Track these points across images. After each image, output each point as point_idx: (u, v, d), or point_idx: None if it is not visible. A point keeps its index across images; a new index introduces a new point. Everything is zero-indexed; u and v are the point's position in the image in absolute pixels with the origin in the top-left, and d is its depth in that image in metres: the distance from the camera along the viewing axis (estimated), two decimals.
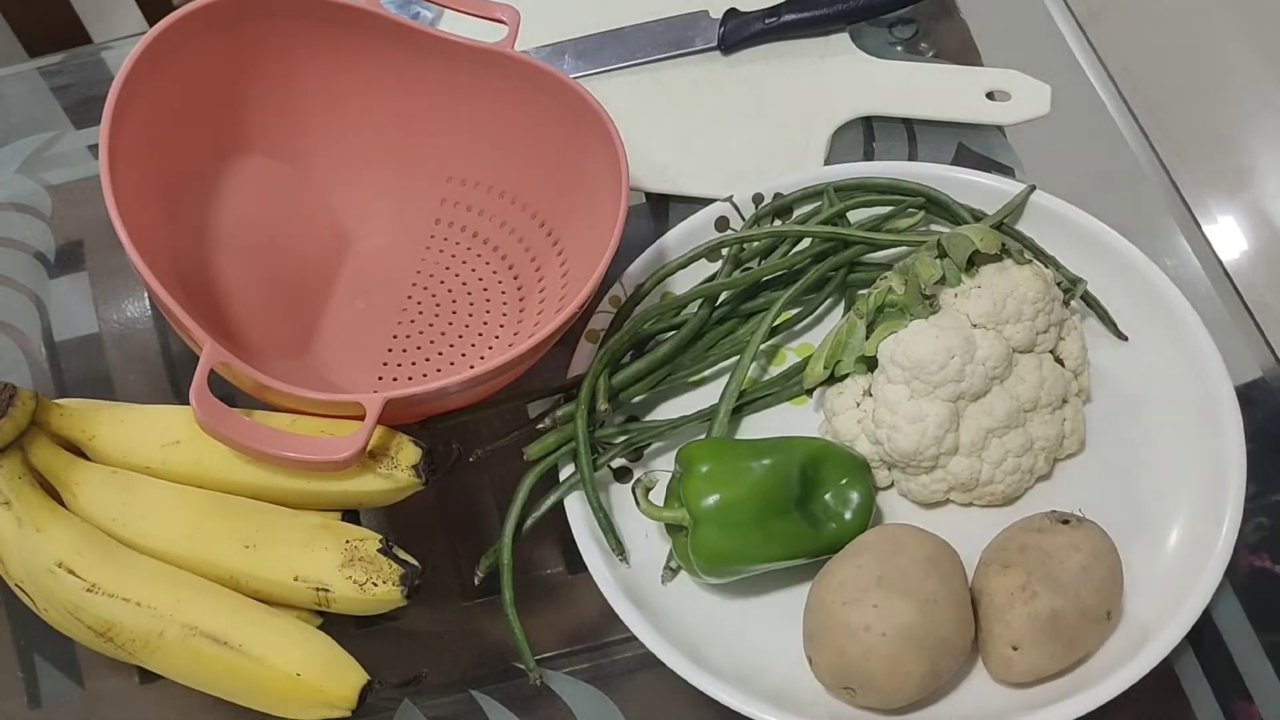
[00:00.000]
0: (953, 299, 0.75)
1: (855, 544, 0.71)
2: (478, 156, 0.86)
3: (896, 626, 0.66)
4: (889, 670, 0.67)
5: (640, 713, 0.74)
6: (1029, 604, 0.68)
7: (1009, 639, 0.68)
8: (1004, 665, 0.69)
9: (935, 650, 0.67)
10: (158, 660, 0.69)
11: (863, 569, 0.68)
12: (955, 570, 0.69)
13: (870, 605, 0.67)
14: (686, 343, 0.81)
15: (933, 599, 0.67)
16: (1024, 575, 0.68)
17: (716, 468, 0.72)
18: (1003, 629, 0.68)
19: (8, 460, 0.71)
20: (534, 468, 0.76)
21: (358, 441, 0.69)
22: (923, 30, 0.97)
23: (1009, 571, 0.69)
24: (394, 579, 0.70)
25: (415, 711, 0.74)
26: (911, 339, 0.73)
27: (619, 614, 0.72)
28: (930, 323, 0.74)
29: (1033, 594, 0.68)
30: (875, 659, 0.66)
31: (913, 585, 0.67)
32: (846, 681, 0.68)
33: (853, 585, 0.68)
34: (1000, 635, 0.68)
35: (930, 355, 0.73)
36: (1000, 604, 0.68)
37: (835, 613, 0.68)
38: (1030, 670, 0.69)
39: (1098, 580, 0.68)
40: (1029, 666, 0.68)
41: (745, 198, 0.86)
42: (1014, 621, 0.68)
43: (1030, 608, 0.68)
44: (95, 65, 1.00)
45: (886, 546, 0.69)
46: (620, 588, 0.72)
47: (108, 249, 0.90)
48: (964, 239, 0.75)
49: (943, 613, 0.67)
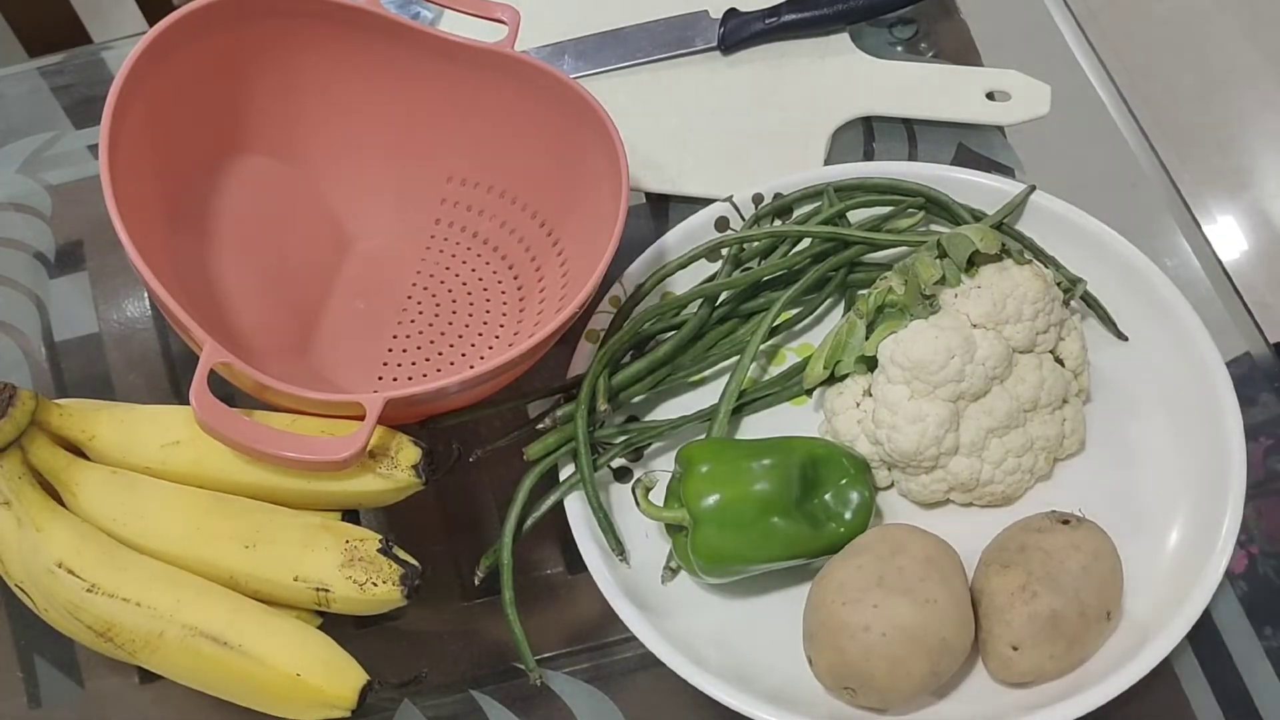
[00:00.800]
0: (953, 299, 0.75)
1: (855, 544, 0.71)
2: (478, 156, 0.86)
3: (896, 626, 0.66)
4: (889, 670, 0.67)
5: (640, 713, 0.74)
6: (1029, 604, 0.68)
7: (1009, 639, 0.68)
8: (1004, 665, 0.69)
9: (935, 650, 0.67)
10: (157, 660, 0.69)
11: (862, 569, 0.68)
12: (955, 570, 0.69)
13: (870, 605, 0.67)
14: (686, 343, 0.81)
15: (932, 599, 0.67)
16: (1024, 575, 0.68)
17: (716, 468, 0.72)
18: (1003, 629, 0.68)
19: (8, 460, 0.71)
20: (534, 468, 0.76)
21: (358, 441, 0.69)
22: (923, 30, 0.97)
23: (1009, 571, 0.69)
24: (394, 579, 0.70)
25: (415, 711, 0.74)
26: (911, 339, 0.73)
27: (619, 614, 0.72)
28: (930, 323, 0.74)
29: (1033, 594, 0.68)
30: (875, 659, 0.66)
31: (912, 585, 0.67)
32: (846, 681, 0.68)
33: (852, 585, 0.68)
34: (1000, 635, 0.68)
35: (930, 355, 0.73)
36: (1000, 604, 0.68)
37: (835, 613, 0.68)
38: (1030, 670, 0.69)
39: (1098, 580, 0.68)
40: (1029, 667, 0.68)
41: (745, 198, 0.86)
42: (1014, 621, 0.68)
43: (1030, 608, 0.68)
44: (95, 65, 1.00)
45: (886, 547, 0.69)
46: (620, 588, 0.72)
47: (108, 249, 0.90)
48: (964, 239, 0.75)
49: (943, 613, 0.67)
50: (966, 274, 0.75)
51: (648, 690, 0.74)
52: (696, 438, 0.78)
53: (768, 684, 0.70)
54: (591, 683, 0.74)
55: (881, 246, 0.83)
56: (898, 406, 0.74)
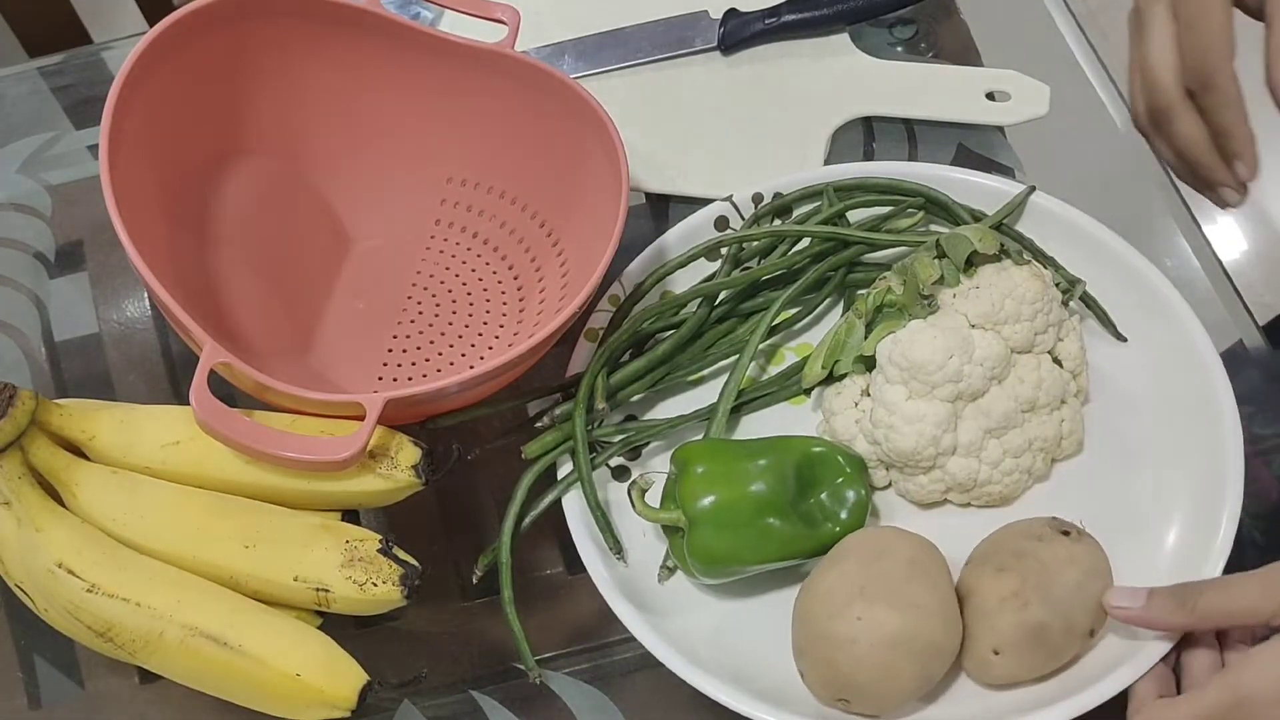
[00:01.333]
0: (951, 299, 0.75)
1: (838, 549, 0.70)
2: (478, 157, 0.86)
3: (882, 636, 0.66)
4: (879, 679, 0.66)
5: (640, 713, 0.74)
6: (1019, 613, 0.67)
7: (992, 642, 0.68)
8: (982, 667, 0.69)
9: (924, 654, 0.67)
10: (157, 660, 0.69)
11: (845, 576, 0.68)
12: (940, 571, 0.69)
13: (854, 618, 0.66)
14: (685, 342, 0.81)
15: (917, 603, 0.67)
16: (1018, 582, 0.68)
17: (712, 468, 0.72)
18: (986, 631, 0.68)
19: (8, 460, 0.71)
20: (532, 466, 0.76)
21: (358, 441, 0.69)
22: (923, 30, 0.97)
23: (1003, 576, 0.68)
24: (394, 579, 0.70)
25: (415, 711, 0.74)
26: (910, 339, 0.73)
27: (616, 612, 0.72)
28: (929, 323, 0.74)
29: (1024, 603, 0.67)
30: (864, 670, 0.66)
31: (896, 590, 0.67)
32: (839, 693, 0.68)
33: (837, 596, 0.67)
34: (983, 638, 0.68)
35: (929, 356, 0.73)
36: (990, 607, 0.68)
37: (821, 626, 0.67)
38: (1007, 676, 0.68)
39: (1090, 598, 0.68)
40: (1007, 672, 0.68)
41: (744, 198, 0.86)
42: (1000, 627, 0.67)
43: (1020, 616, 0.67)
44: (95, 65, 0.99)
45: (869, 551, 0.69)
46: (618, 587, 0.72)
47: (108, 249, 0.90)
48: (963, 239, 0.75)
49: (929, 617, 0.67)
50: (965, 274, 0.75)
51: (647, 690, 0.74)
52: (694, 438, 0.78)
53: (765, 683, 0.70)
54: (591, 683, 0.74)
55: (881, 246, 0.83)
56: (896, 406, 0.74)
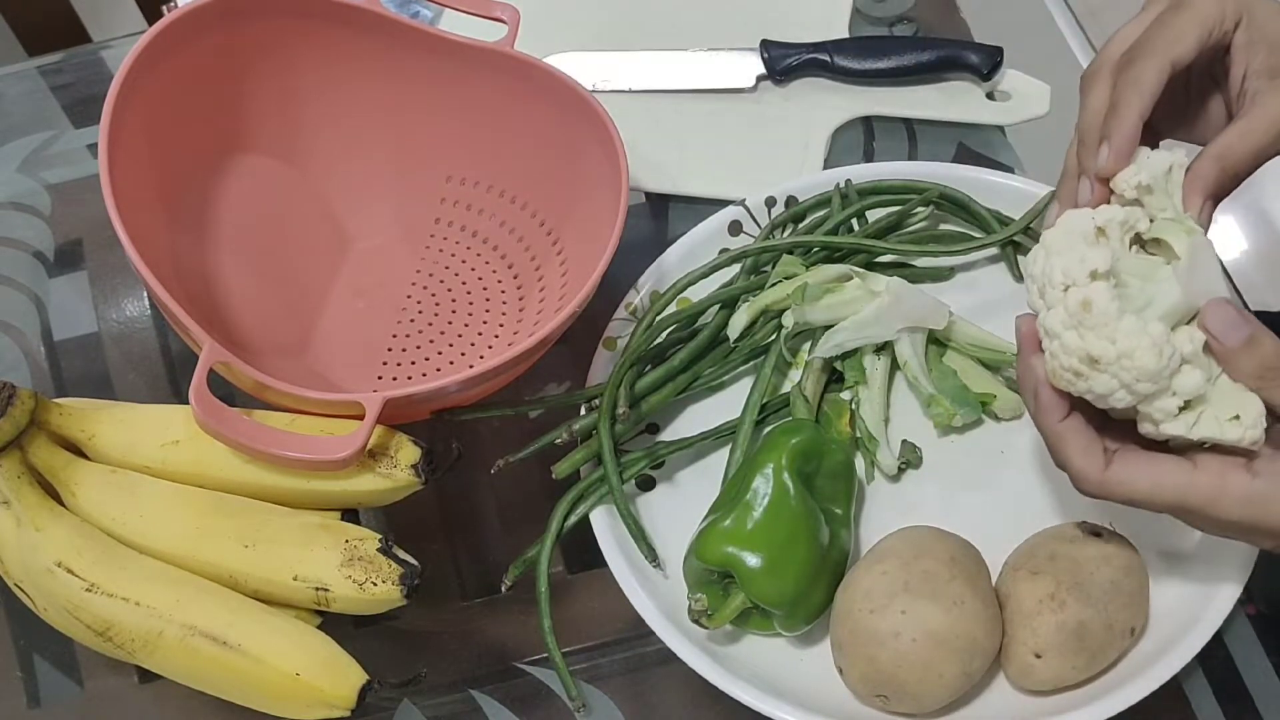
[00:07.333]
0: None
1: (877, 550, 0.70)
2: (477, 156, 0.86)
3: (926, 631, 0.66)
4: (921, 675, 0.66)
5: (640, 713, 0.74)
6: (1057, 613, 0.67)
7: (1034, 646, 0.67)
8: (1024, 672, 0.68)
9: (965, 652, 0.66)
10: (157, 660, 0.69)
11: (887, 575, 0.68)
12: (979, 570, 0.69)
13: (898, 611, 0.66)
14: (705, 348, 0.80)
15: (960, 600, 0.67)
16: (1054, 583, 0.67)
17: (742, 536, 0.69)
18: (1028, 635, 0.67)
19: (7, 460, 0.71)
20: (567, 494, 0.74)
21: (357, 441, 0.68)
22: (923, 30, 0.97)
23: (1038, 579, 0.68)
24: (393, 578, 0.70)
25: (415, 711, 0.74)
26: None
27: (647, 621, 0.71)
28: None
29: (1061, 603, 0.67)
30: (907, 665, 0.66)
31: (939, 588, 0.67)
32: (879, 689, 0.67)
33: (879, 592, 0.67)
34: (1024, 641, 0.68)
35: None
36: (1028, 610, 0.67)
37: (863, 621, 0.67)
38: (1051, 679, 0.68)
39: (1126, 596, 0.68)
40: (1051, 675, 0.68)
41: (751, 199, 0.85)
42: (1040, 629, 0.67)
43: (1059, 617, 0.67)
44: (95, 65, 1.00)
45: (909, 551, 0.69)
46: (647, 594, 0.71)
47: (107, 248, 0.90)
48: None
49: (971, 613, 0.67)
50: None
51: (647, 690, 0.74)
52: (719, 451, 0.77)
53: (794, 686, 0.70)
54: (591, 683, 0.74)
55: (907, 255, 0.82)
56: (1114, 333, 0.61)
